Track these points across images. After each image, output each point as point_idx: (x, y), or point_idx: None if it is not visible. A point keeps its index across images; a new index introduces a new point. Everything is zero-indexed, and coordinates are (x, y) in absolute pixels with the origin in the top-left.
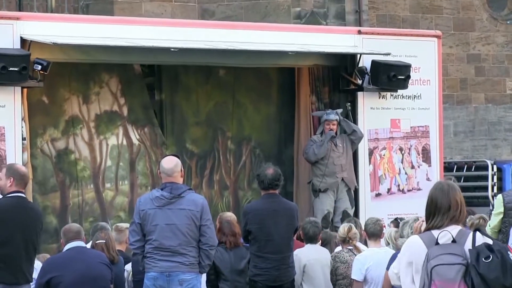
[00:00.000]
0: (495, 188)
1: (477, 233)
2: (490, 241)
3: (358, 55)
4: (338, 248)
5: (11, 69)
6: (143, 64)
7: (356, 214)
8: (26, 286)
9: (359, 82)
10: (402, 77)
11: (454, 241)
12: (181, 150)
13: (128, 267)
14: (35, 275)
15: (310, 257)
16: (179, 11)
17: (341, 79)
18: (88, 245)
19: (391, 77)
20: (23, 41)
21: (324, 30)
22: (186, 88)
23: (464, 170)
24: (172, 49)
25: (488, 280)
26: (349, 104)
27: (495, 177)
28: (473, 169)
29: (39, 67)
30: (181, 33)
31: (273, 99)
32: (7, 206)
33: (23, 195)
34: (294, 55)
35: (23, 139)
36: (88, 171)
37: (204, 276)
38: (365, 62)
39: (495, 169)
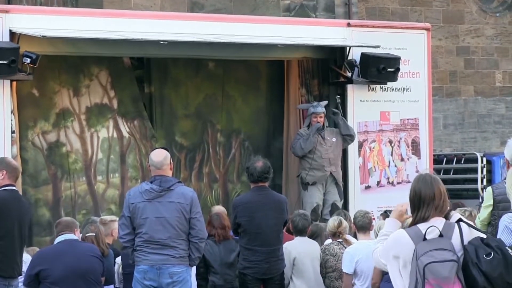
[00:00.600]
0: (485, 180)
1: (463, 224)
2: (478, 233)
3: (348, 48)
4: (328, 241)
5: (0, 62)
6: (133, 56)
7: (346, 206)
8: (18, 279)
9: (349, 74)
10: (392, 69)
11: (441, 235)
12: (170, 143)
13: (118, 260)
14: (24, 267)
15: (300, 250)
16: (168, 4)
17: (330, 72)
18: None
19: (380, 69)
20: (12, 34)
21: (314, 23)
22: (175, 80)
23: (454, 163)
24: (162, 42)
25: (491, 278)
26: (338, 96)
27: (484, 170)
28: (462, 162)
29: (28, 60)
30: (171, 26)
31: (262, 91)
32: (5, 199)
33: (15, 188)
34: (284, 47)
35: (12, 132)
36: (79, 164)
37: (194, 269)
38: (354, 55)
39: (484, 162)
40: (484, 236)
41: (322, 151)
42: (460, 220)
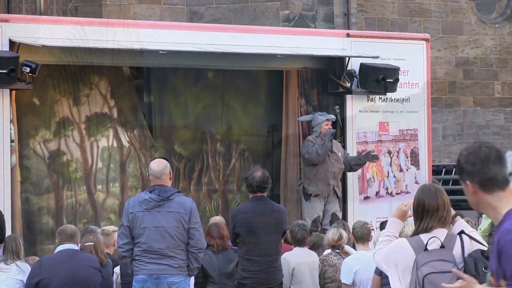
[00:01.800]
0: None
1: (464, 236)
2: (479, 245)
3: (347, 58)
4: (326, 252)
5: None
6: (132, 66)
7: (345, 217)
8: None
9: (348, 85)
10: (391, 80)
11: (442, 246)
12: (169, 152)
13: (117, 269)
14: (23, 277)
15: (299, 260)
16: (167, 13)
17: (329, 82)
18: None
19: (379, 80)
20: (11, 43)
21: (313, 33)
22: (174, 90)
23: (453, 174)
24: (161, 52)
25: None
26: (337, 107)
27: None
28: None
29: (28, 69)
30: (170, 35)
31: (261, 101)
32: None
33: None
34: (283, 58)
35: (12, 141)
36: (80, 173)
37: (192, 279)
38: (353, 65)
39: None
40: (485, 248)
41: (328, 164)
42: (462, 232)
